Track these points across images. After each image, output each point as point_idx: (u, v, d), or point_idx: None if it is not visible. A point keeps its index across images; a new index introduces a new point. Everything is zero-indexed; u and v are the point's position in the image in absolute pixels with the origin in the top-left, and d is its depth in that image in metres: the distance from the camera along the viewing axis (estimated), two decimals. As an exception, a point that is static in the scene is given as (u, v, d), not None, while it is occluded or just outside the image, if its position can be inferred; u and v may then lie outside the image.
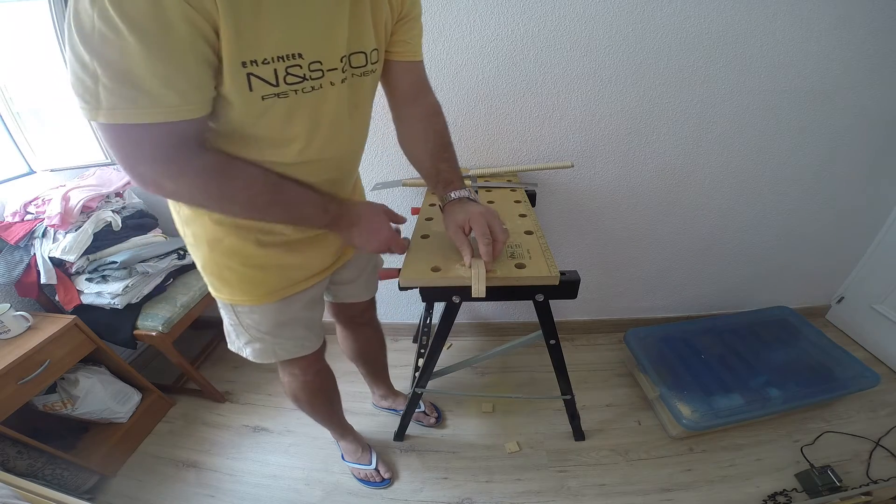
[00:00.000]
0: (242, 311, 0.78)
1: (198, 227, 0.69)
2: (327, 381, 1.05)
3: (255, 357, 0.85)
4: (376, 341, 1.24)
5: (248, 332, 0.81)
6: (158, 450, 1.36)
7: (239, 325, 0.80)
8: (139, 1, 0.39)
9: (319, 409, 1.10)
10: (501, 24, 1.11)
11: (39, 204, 1.27)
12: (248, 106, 0.53)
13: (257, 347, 0.84)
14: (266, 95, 0.53)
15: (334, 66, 0.58)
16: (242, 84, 0.50)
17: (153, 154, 0.49)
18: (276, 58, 0.50)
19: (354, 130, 0.71)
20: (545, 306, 0.88)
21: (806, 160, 1.36)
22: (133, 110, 0.44)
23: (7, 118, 1.32)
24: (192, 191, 0.55)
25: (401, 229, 0.80)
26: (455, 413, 1.43)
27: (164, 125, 0.46)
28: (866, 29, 1.13)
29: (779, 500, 1.12)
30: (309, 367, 0.95)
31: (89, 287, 1.26)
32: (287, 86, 0.54)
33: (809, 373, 1.34)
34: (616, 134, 1.28)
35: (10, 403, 1.02)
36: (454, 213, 0.75)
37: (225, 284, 0.74)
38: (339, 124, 0.65)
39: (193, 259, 0.76)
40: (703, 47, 1.14)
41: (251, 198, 0.58)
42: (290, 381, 0.99)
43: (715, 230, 1.52)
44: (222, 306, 0.80)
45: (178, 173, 0.51)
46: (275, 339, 0.83)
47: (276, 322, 0.80)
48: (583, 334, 1.77)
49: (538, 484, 1.20)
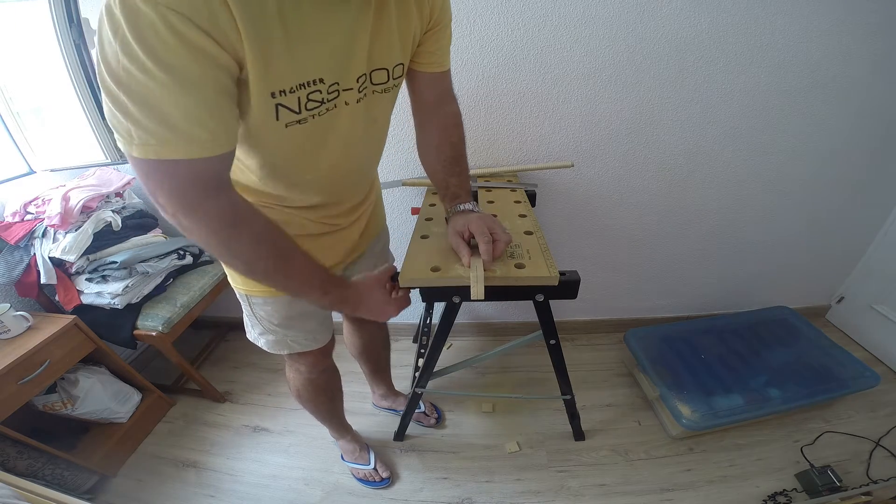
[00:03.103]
0: (256, 302, 0.79)
1: None
2: (332, 379, 1.06)
3: (269, 348, 0.87)
4: (381, 339, 1.25)
5: (260, 324, 0.83)
6: (158, 450, 1.36)
7: (252, 315, 0.82)
8: (162, 33, 0.38)
9: (322, 406, 1.10)
10: (501, 24, 1.10)
11: (39, 204, 1.27)
12: (272, 135, 0.54)
13: (270, 339, 0.85)
14: (289, 123, 0.53)
15: (350, 87, 0.57)
16: (270, 114, 0.51)
17: (175, 190, 0.48)
18: (299, 85, 0.50)
19: (370, 142, 0.71)
20: (545, 306, 0.88)
21: (805, 160, 1.36)
22: (162, 147, 0.43)
23: (7, 118, 1.32)
24: (203, 233, 0.52)
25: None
26: (455, 413, 1.43)
27: (191, 162, 0.45)
28: (866, 29, 1.13)
29: (779, 500, 1.12)
30: (316, 364, 0.95)
31: (89, 287, 1.26)
32: (307, 112, 0.54)
33: (809, 373, 1.34)
34: (616, 134, 1.28)
35: (10, 403, 1.02)
36: (455, 222, 0.77)
37: (239, 276, 0.76)
38: (352, 141, 0.64)
39: None
40: (704, 47, 1.14)
41: (253, 260, 0.56)
42: (295, 377, 1.00)
43: (715, 230, 1.52)
44: (239, 295, 0.81)
45: (192, 211, 0.49)
46: (286, 332, 0.84)
47: (288, 315, 0.81)
48: (583, 334, 1.77)
49: (538, 484, 1.20)
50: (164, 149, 0.43)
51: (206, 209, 0.50)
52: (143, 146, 0.43)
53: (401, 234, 1.50)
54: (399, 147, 1.30)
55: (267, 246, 0.56)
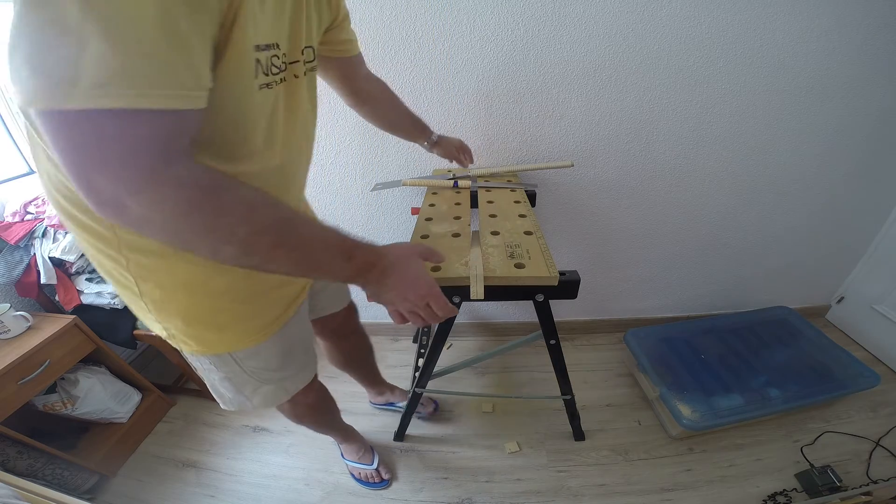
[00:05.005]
0: (245, 357, 0.68)
1: (166, 275, 0.54)
2: (325, 396, 1.02)
3: (266, 403, 0.77)
4: (365, 347, 1.21)
5: (254, 379, 0.72)
6: (158, 450, 1.36)
7: (242, 373, 0.70)
8: None
9: (324, 422, 1.10)
10: (501, 24, 1.10)
11: (39, 204, 1.27)
12: (240, 99, 0.45)
13: (268, 391, 0.75)
14: (261, 85, 0.46)
15: (297, 59, 0.55)
16: (249, 70, 0.43)
17: (133, 158, 0.34)
18: (266, 45, 0.45)
19: (312, 129, 0.67)
20: (545, 306, 0.87)
21: (806, 160, 1.36)
22: (132, 91, 0.32)
23: (7, 118, 1.32)
24: (171, 217, 0.38)
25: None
26: (455, 413, 1.43)
27: (167, 114, 0.34)
28: (866, 29, 1.13)
29: (779, 500, 1.12)
30: (309, 390, 0.89)
31: (89, 287, 1.26)
32: (272, 76, 0.48)
33: (809, 373, 1.34)
34: (616, 134, 1.28)
35: (10, 403, 1.02)
36: (447, 144, 1.11)
37: (219, 332, 0.63)
38: (305, 121, 0.62)
39: (159, 325, 0.60)
40: (703, 47, 1.14)
41: (250, 234, 0.42)
42: (291, 408, 0.92)
43: (715, 230, 1.52)
44: (214, 362, 0.67)
45: (155, 184, 0.36)
46: (283, 375, 0.77)
47: (283, 353, 0.73)
48: (583, 334, 1.77)
49: (538, 484, 1.20)
50: (134, 93, 0.32)
51: (177, 177, 0.37)
52: (98, 88, 0.31)
53: (401, 234, 1.51)
54: (399, 147, 1.30)
55: (264, 211, 0.43)
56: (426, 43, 1.13)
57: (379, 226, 1.49)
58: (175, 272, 0.55)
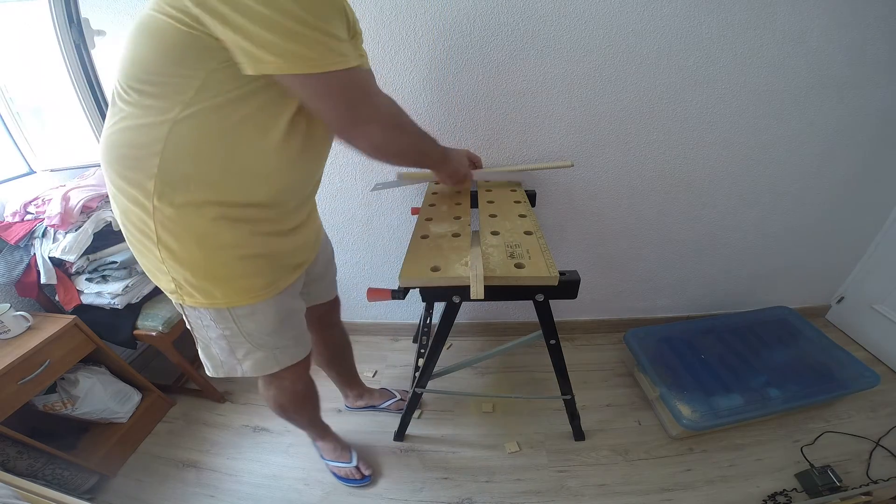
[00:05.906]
0: (242, 315, 0.73)
1: (183, 228, 0.63)
2: (312, 389, 1.06)
3: (256, 369, 0.80)
4: (345, 341, 1.26)
5: (249, 341, 0.76)
6: (158, 450, 1.36)
7: (239, 334, 0.75)
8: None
9: (306, 415, 1.11)
10: (501, 24, 1.10)
11: (39, 204, 1.27)
12: None
13: (259, 357, 0.79)
14: None
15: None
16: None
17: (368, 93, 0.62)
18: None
19: None
20: (545, 306, 0.88)
21: (806, 160, 1.36)
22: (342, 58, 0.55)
23: (7, 118, 1.32)
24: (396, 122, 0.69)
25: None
26: (455, 413, 1.43)
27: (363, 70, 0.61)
28: (866, 29, 1.13)
29: (779, 500, 1.12)
30: (300, 376, 0.93)
31: (89, 287, 1.26)
32: None
33: (809, 373, 1.34)
34: (616, 134, 1.28)
35: (10, 403, 1.02)
36: (458, 152, 1.07)
37: (219, 284, 0.68)
38: None
39: (168, 277, 0.67)
40: (704, 47, 1.14)
41: (414, 125, 0.73)
42: (277, 394, 0.96)
43: (715, 230, 1.52)
44: (214, 317, 0.72)
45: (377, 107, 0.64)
46: (276, 343, 0.80)
47: (279, 318, 0.77)
48: (583, 334, 1.77)
49: (538, 484, 1.20)
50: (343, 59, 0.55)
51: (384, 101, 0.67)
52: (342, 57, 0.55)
53: (401, 234, 1.51)
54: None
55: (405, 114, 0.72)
56: (426, 43, 1.14)
57: (379, 226, 1.49)
58: (191, 225, 0.63)
